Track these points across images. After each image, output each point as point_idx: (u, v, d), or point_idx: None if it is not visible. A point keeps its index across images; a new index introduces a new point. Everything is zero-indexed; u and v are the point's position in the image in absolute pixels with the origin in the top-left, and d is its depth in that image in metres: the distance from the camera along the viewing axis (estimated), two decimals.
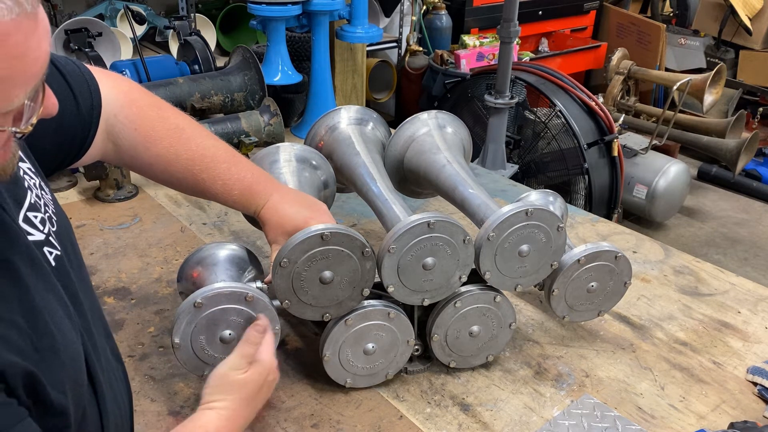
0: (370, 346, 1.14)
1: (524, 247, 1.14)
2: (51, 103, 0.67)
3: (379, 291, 1.14)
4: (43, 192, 0.80)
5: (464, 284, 1.16)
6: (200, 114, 2.09)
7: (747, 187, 4.25)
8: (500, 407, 1.16)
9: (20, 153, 0.75)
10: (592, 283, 1.22)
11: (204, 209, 1.80)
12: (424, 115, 1.40)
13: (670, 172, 3.58)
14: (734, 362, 1.29)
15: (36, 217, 0.75)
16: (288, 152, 1.33)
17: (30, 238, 0.72)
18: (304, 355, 1.26)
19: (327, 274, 1.05)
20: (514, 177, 2.93)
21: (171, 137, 1.05)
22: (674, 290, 1.51)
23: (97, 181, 1.83)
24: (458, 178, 1.28)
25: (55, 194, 1.92)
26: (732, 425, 1.11)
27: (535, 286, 1.23)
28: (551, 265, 1.19)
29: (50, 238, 0.76)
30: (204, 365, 1.05)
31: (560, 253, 1.18)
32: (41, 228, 0.75)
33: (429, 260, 1.09)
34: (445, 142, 1.37)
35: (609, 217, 3.17)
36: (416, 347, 1.21)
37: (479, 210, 1.21)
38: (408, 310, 1.18)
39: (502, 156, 2.93)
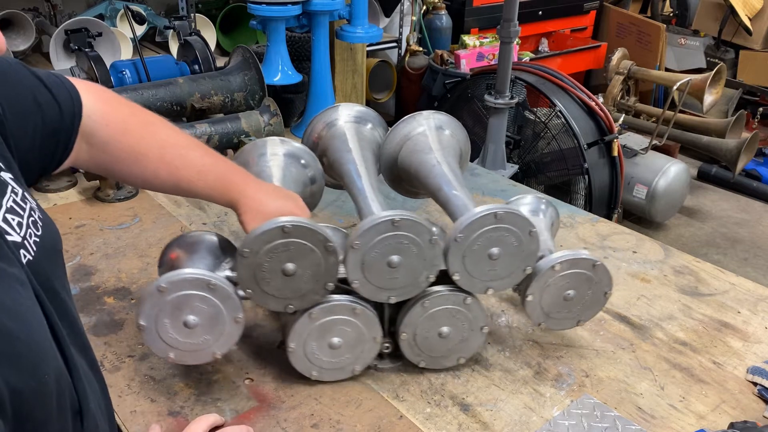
0: (335, 340, 1.15)
1: (494, 250, 1.13)
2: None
3: (346, 286, 1.14)
4: (26, 200, 0.79)
5: (434, 284, 1.16)
6: (200, 114, 2.08)
7: (747, 187, 4.25)
8: (500, 407, 1.16)
9: (1, 163, 0.77)
10: (569, 291, 1.20)
11: (204, 209, 1.80)
12: (421, 115, 1.40)
13: (670, 172, 3.57)
14: (734, 362, 1.29)
15: (13, 219, 0.74)
16: (275, 146, 1.34)
17: (8, 237, 0.71)
18: None
19: (289, 266, 1.07)
20: (514, 177, 2.93)
21: (142, 129, 1.06)
22: (674, 290, 1.51)
23: (97, 181, 1.84)
24: (445, 178, 1.27)
25: (55, 194, 1.94)
26: (732, 425, 1.11)
27: (513, 291, 1.23)
28: (524, 270, 1.17)
29: (26, 242, 0.75)
30: (169, 348, 1.08)
31: (533, 257, 1.17)
32: (18, 231, 0.74)
33: (394, 258, 1.09)
34: (439, 143, 1.36)
35: (609, 217, 3.17)
36: (386, 345, 1.21)
37: (458, 211, 1.20)
38: (378, 307, 1.19)
39: (502, 156, 2.93)
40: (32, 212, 0.79)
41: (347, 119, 1.42)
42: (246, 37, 3.53)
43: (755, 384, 1.22)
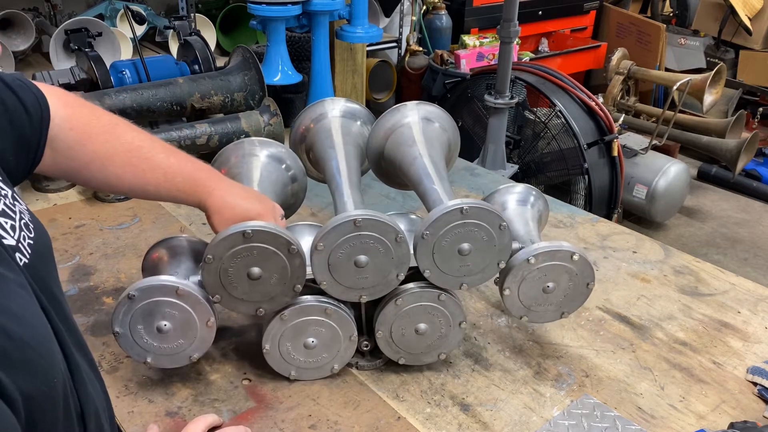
0: (310, 340, 1.15)
1: (464, 246, 1.11)
2: None
3: (318, 286, 1.14)
4: (16, 202, 0.79)
5: (408, 281, 1.16)
6: (200, 114, 2.08)
7: (747, 187, 4.25)
8: (500, 407, 1.16)
9: None
10: (549, 284, 1.17)
11: None
12: (406, 106, 1.37)
13: (670, 172, 3.57)
14: (734, 362, 1.28)
15: (6, 223, 0.74)
16: (253, 147, 1.34)
17: (4, 241, 0.71)
18: None
19: (255, 270, 1.07)
20: (514, 177, 2.93)
21: (106, 132, 1.04)
22: (674, 290, 1.51)
23: None
24: (425, 171, 1.25)
25: (55, 194, 1.93)
26: (732, 425, 1.11)
27: (495, 284, 1.22)
28: (498, 264, 1.15)
29: (20, 245, 0.74)
30: (145, 352, 1.11)
31: (507, 251, 1.15)
32: (12, 234, 0.74)
33: (362, 258, 1.09)
34: (423, 135, 1.33)
35: (609, 217, 3.17)
36: (365, 343, 1.22)
37: (433, 206, 1.18)
38: (355, 306, 1.19)
39: (502, 156, 2.93)
40: (23, 215, 0.78)
41: (333, 114, 1.42)
42: (246, 37, 3.53)
43: (755, 384, 1.22)
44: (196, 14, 3.28)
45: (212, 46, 3.29)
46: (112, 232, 1.67)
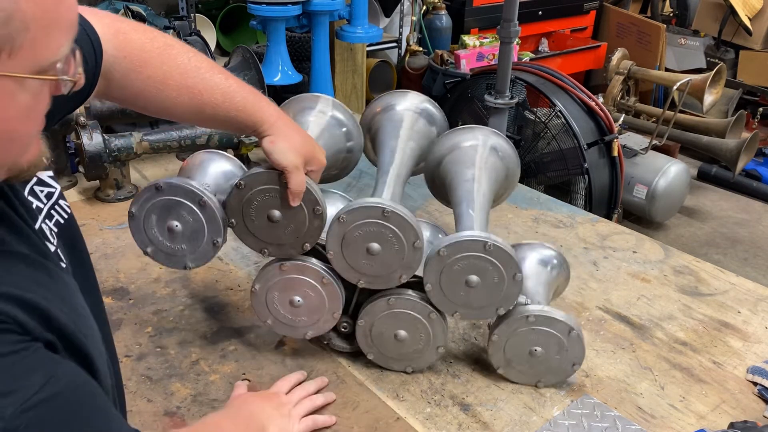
0: (296, 299, 1.18)
1: (473, 278, 1.11)
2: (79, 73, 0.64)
3: (326, 254, 1.16)
4: (60, 200, 0.80)
5: (409, 288, 1.16)
6: None
7: (747, 187, 4.24)
8: (500, 407, 1.15)
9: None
10: (537, 348, 1.16)
11: None
12: (481, 129, 1.38)
13: (670, 172, 3.57)
14: (734, 362, 1.28)
15: (47, 228, 0.74)
16: (326, 105, 1.36)
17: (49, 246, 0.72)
18: (301, 357, 1.26)
19: (276, 213, 1.11)
20: None
21: (161, 56, 1.00)
22: (674, 290, 1.51)
23: (97, 181, 1.83)
24: (469, 196, 1.25)
25: None
26: (732, 425, 1.11)
27: (488, 327, 1.21)
28: (497, 310, 1.14)
29: (58, 251, 0.75)
30: (149, 242, 1.17)
31: (511, 301, 1.13)
32: (52, 240, 0.74)
33: (374, 245, 1.10)
34: (485, 163, 1.33)
35: (609, 217, 3.16)
36: (345, 325, 1.23)
37: (463, 230, 1.17)
38: (351, 288, 1.20)
39: None
40: (55, 210, 0.80)
41: (412, 108, 1.42)
42: (246, 37, 3.53)
43: (755, 384, 1.22)
44: (196, 14, 3.28)
45: (212, 46, 3.29)
46: (112, 232, 1.67)
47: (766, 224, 3.94)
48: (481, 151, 1.35)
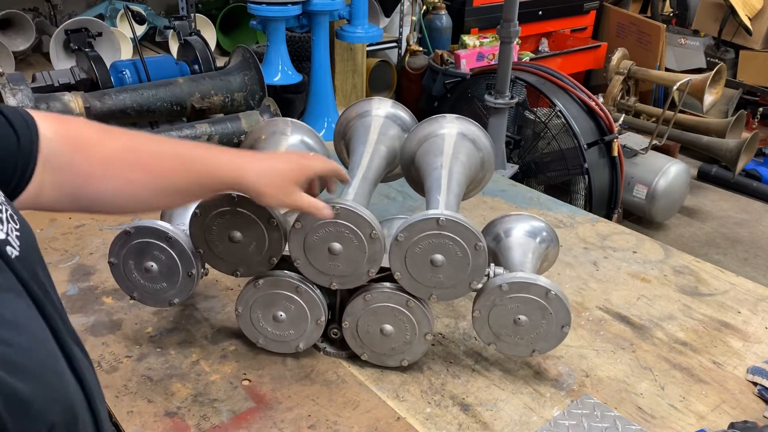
0: (279, 314, 1.20)
1: (437, 257, 1.10)
2: None
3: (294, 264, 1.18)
4: None
5: (384, 281, 1.17)
6: (200, 114, 2.08)
7: (747, 187, 4.24)
8: (500, 407, 1.16)
9: None
10: (520, 316, 1.14)
11: None
12: (446, 117, 1.36)
13: (670, 172, 3.57)
14: (734, 362, 1.28)
15: None
16: (285, 127, 1.37)
17: None
18: (302, 357, 1.26)
19: (236, 234, 1.14)
20: (514, 177, 2.93)
21: (102, 136, 0.95)
22: (674, 290, 1.51)
23: None
24: (438, 182, 1.24)
25: None
26: (732, 425, 1.11)
27: None
28: (470, 284, 1.13)
29: (9, 237, 0.74)
30: (133, 287, 1.21)
31: (480, 273, 1.12)
32: (0, 227, 0.73)
33: (336, 245, 1.12)
34: (453, 149, 1.32)
35: (609, 217, 3.16)
36: (335, 331, 1.24)
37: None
38: (332, 294, 1.22)
39: (502, 156, 2.92)
40: (4, 206, 0.77)
41: (379, 113, 1.42)
42: (246, 37, 3.53)
43: (755, 384, 1.22)
44: (196, 14, 3.27)
45: (212, 46, 3.29)
46: (112, 232, 1.67)
47: (766, 224, 3.95)
48: (449, 139, 1.34)
